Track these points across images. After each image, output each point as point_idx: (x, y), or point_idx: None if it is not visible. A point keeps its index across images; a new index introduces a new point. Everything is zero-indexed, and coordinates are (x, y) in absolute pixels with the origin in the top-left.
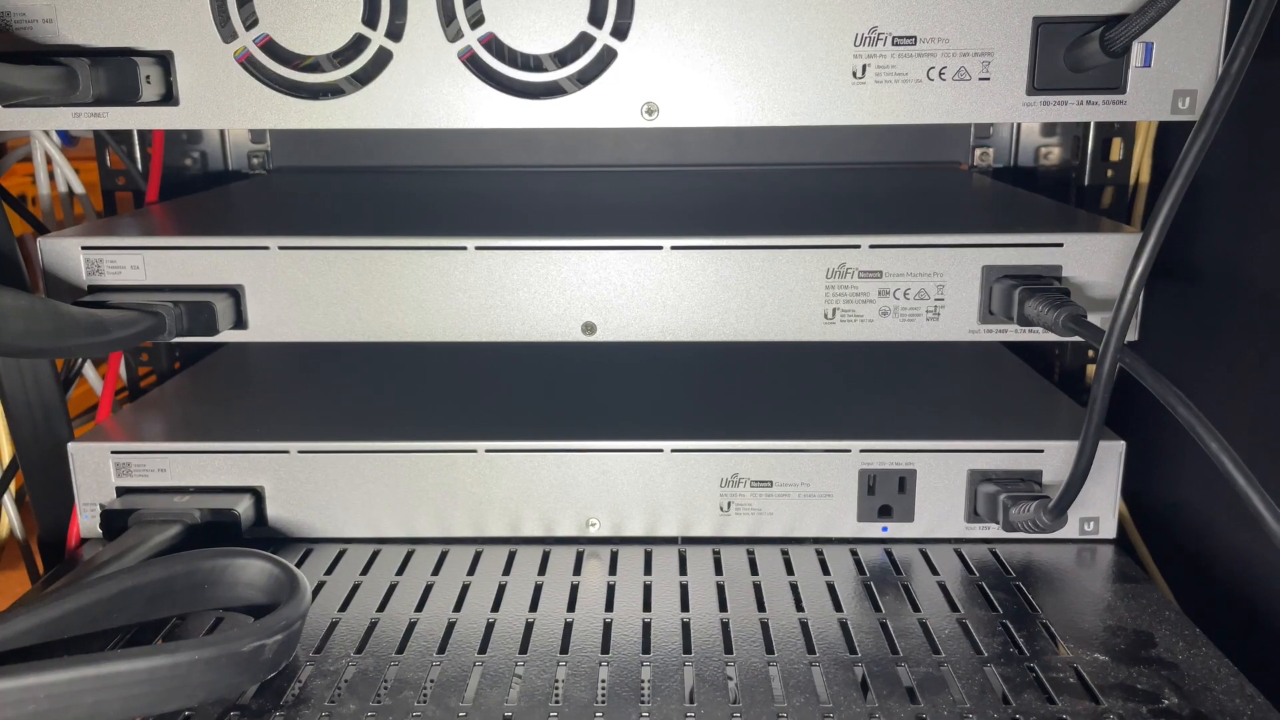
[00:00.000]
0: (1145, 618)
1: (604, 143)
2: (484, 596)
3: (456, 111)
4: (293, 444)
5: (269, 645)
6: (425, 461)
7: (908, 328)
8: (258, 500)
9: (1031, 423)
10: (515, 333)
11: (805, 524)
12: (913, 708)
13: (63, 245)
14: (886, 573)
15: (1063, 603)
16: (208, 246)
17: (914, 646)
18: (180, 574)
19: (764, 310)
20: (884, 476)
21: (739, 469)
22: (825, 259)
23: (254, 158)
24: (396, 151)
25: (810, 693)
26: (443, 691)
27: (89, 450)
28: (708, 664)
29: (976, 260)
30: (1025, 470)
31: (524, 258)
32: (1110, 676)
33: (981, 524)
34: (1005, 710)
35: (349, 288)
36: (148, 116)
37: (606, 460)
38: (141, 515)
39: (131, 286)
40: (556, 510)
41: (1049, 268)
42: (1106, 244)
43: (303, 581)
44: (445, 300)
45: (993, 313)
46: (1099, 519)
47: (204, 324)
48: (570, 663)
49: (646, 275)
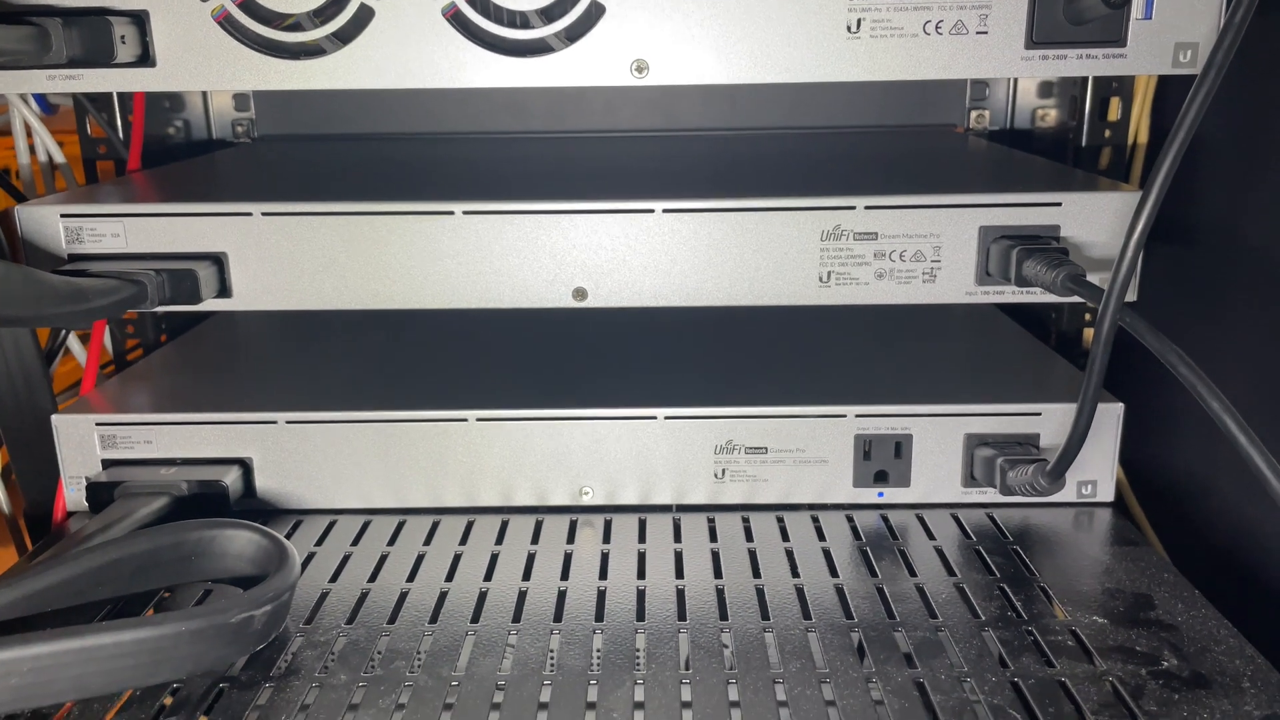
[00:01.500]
0: (1144, 580)
1: (593, 107)
2: (476, 566)
3: (441, 70)
4: (281, 414)
5: (258, 616)
6: (416, 431)
7: (904, 290)
8: (246, 472)
9: (1028, 386)
10: (505, 299)
11: (800, 490)
12: (910, 672)
13: (41, 213)
14: (883, 538)
15: (1060, 566)
16: (189, 214)
17: (911, 611)
18: (167, 545)
19: (758, 274)
20: (880, 441)
21: (733, 435)
22: (820, 221)
23: (238, 126)
24: (382, 118)
25: (807, 658)
26: (435, 661)
27: (73, 422)
28: (703, 631)
29: (973, 220)
30: (1022, 434)
31: (513, 222)
32: (1109, 639)
33: (979, 488)
34: (1004, 674)
35: (335, 254)
36: (124, 78)
37: (599, 428)
38: (128, 488)
39: (112, 255)
40: (549, 479)
41: (1047, 228)
42: (1105, 203)
43: (292, 552)
44: (433, 266)
45: (990, 274)
46: (1096, 482)
47: (187, 292)
48: (564, 631)
49: (638, 239)
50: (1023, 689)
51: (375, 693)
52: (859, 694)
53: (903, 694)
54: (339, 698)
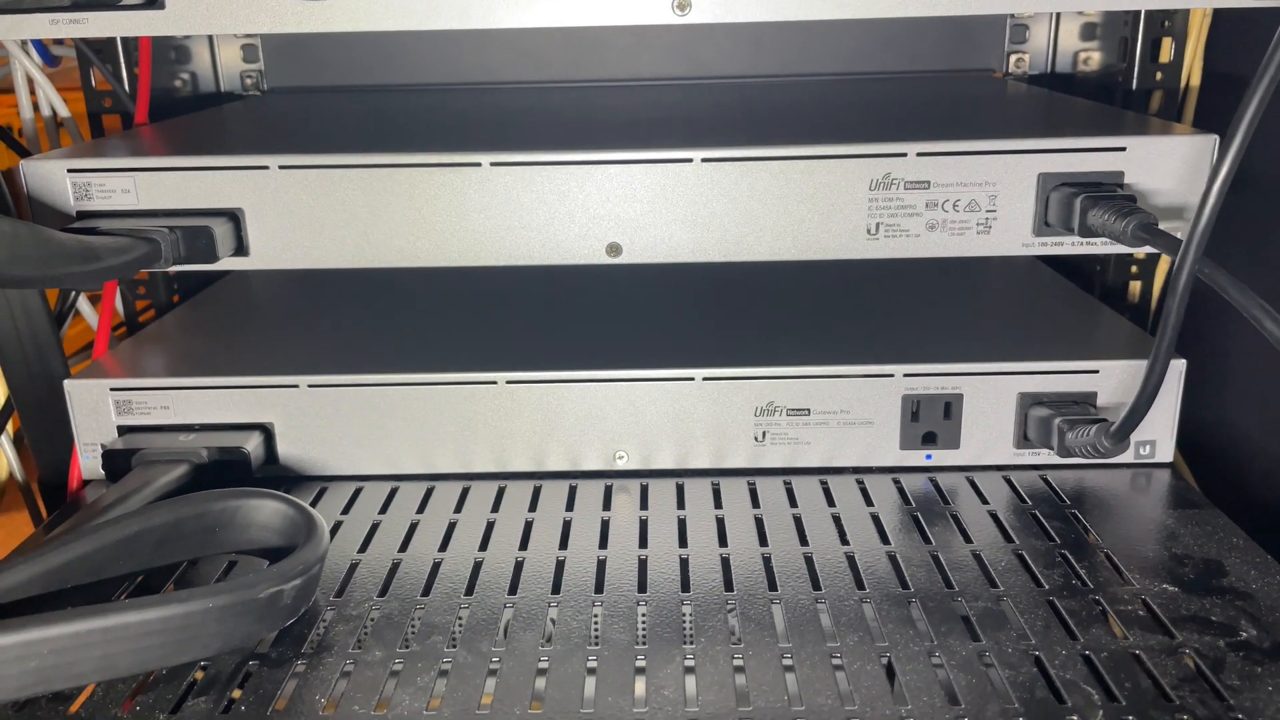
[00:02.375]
0: (1212, 545)
1: (614, 56)
2: (511, 534)
3: (470, 11)
4: (302, 378)
5: (287, 591)
6: (443, 394)
7: (957, 242)
8: (268, 437)
9: (1084, 342)
10: (535, 256)
11: (844, 453)
12: (975, 645)
13: (48, 168)
14: (933, 502)
15: (1122, 531)
16: (203, 167)
17: (970, 580)
18: (190, 517)
19: (803, 226)
20: (929, 402)
21: (774, 397)
22: (869, 169)
23: (247, 78)
24: (396, 68)
25: (864, 630)
26: (473, 636)
27: (86, 387)
28: (752, 602)
29: (1033, 167)
30: (1079, 392)
31: (543, 174)
32: (1182, 608)
33: (1031, 449)
34: (1073, 646)
35: (356, 210)
36: (130, 22)
37: (634, 390)
38: (145, 455)
39: (123, 212)
40: (582, 443)
41: (1110, 174)
42: (1174, 147)
43: (320, 522)
44: (459, 222)
45: (1049, 224)
46: (1155, 442)
47: (202, 251)
48: (606, 602)
49: (675, 191)
50: (1095, 662)
51: (413, 670)
52: (923, 669)
53: (968, 668)
54: (375, 675)
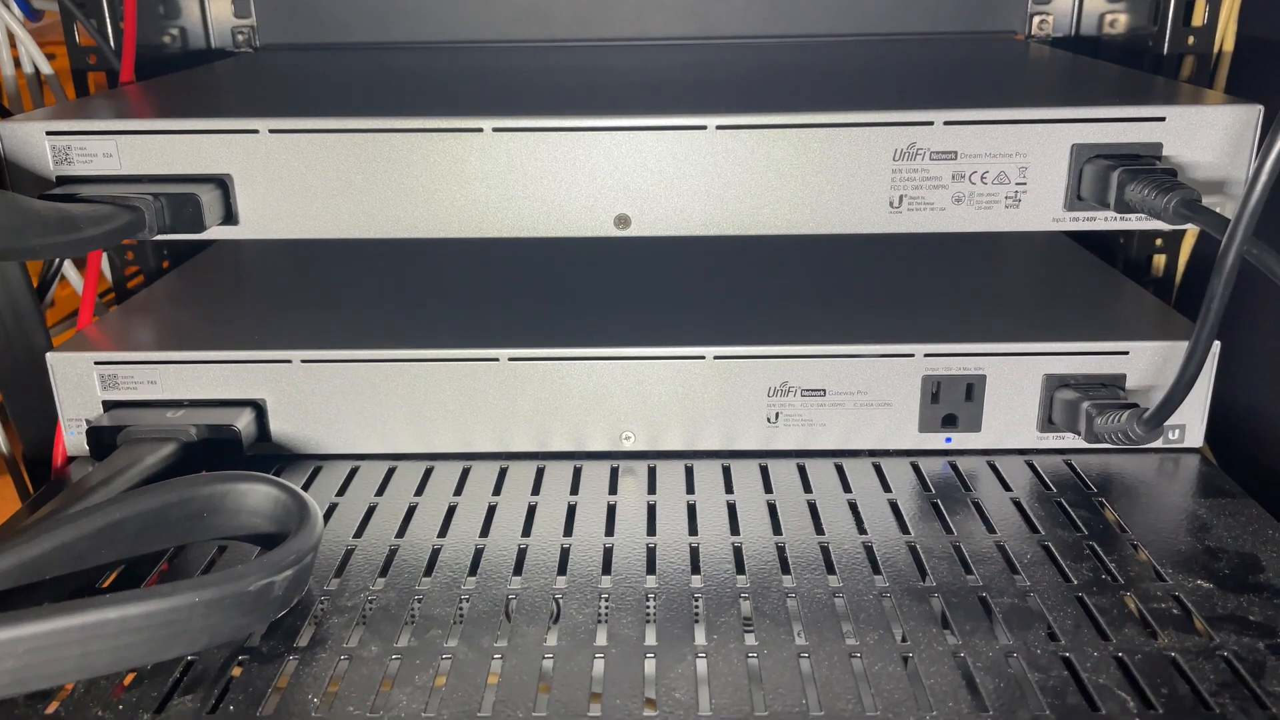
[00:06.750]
0: (1247, 538)
1: (625, 13)
2: (513, 519)
3: None
4: (296, 353)
5: (278, 582)
6: (443, 371)
7: (984, 216)
8: (259, 414)
9: (1112, 321)
10: (540, 227)
11: (861, 435)
12: (1002, 645)
13: (25, 130)
14: (954, 489)
15: (1152, 521)
16: (190, 130)
17: (994, 574)
18: (175, 503)
19: (822, 198)
20: (949, 383)
21: (788, 377)
22: (893, 138)
23: (238, 34)
24: (394, 25)
25: (884, 629)
26: (475, 630)
27: (70, 360)
28: (766, 597)
29: (1066, 138)
30: (1107, 375)
31: (549, 140)
32: (1218, 606)
33: (1055, 433)
34: (1105, 648)
35: (351, 176)
36: None
37: (642, 369)
38: (132, 432)
39: (105, 177)
40: (588, 423)
41: (1148, 145)
42: (1216, 117)
43: (313, 509)
44: (460, 190)
45: (1081, 198)
46: (1185, 426)
47: (188, 219)
48: (614, 595)
49: (688, 160)
50: (1129, 665)
51: (411, 667)
52: (947, 671)
53: (996, 671)
54: (371, 672)
